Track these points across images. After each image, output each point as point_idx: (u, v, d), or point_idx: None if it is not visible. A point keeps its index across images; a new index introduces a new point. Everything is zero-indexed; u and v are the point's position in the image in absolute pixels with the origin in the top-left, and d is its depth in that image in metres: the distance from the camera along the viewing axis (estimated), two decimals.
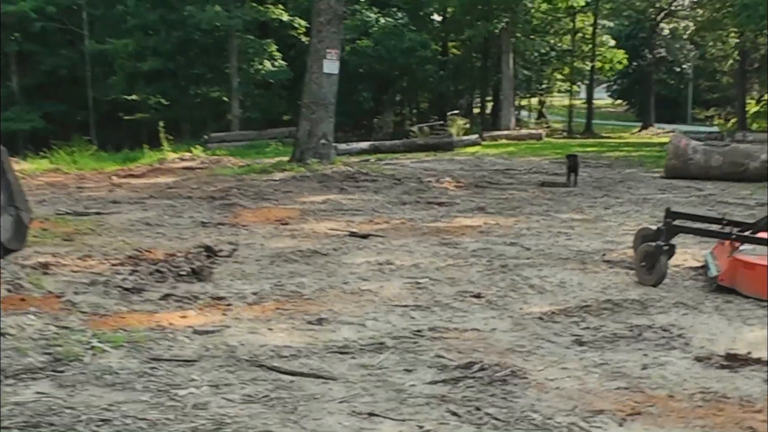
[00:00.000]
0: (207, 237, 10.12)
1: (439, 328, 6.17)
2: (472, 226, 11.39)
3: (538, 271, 8.30)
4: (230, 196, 13.97)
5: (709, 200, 14.61)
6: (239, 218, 11.68)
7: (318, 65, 17.82)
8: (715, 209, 13.47)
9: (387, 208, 13.08)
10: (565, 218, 12.35)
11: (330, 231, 10.72)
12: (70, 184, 16.86)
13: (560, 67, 46.90)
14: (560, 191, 16.09)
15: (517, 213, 12.83)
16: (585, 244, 9.95)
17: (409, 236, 10.52)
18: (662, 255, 7.58)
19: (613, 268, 8.46)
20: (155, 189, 15.40)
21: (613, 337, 5.98)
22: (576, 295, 7.27)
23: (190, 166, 20.12)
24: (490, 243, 10.02)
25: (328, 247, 9.61)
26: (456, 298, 7.17)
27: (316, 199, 13.89)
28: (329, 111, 17.94)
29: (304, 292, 7.31)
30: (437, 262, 8.81)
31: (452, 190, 15.82)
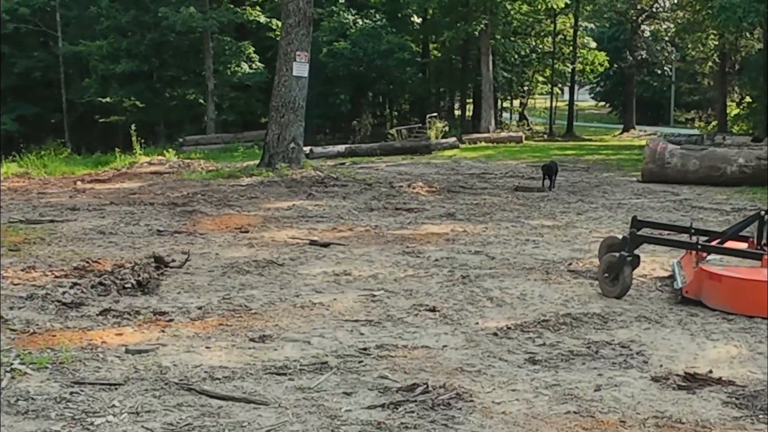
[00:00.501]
0: (161, 246, 9.78)
1: (387, 346, 5.86)
2: (439, 234, 11.10)
3: (499, 283, 8.01)
4: (193, 203, 13.63)
5: (684, 205, 14.38)
6: (198, 226, 11.34)
7: (287, 68, 17.49)
8: (690, 215, 13.21)
9: (353, 214, 12.77)
10: (535, 225, 12.08)
11: (290, 239, 10.40)
12: (33, 190, 16.46)
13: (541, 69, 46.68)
14: (534, 196, 15.83)
15: (487, 219, 12.55)
16: (552, 253, 9.67)
17: (372, 245, 10.22)
18: (626, 266, 7.30)
19: (578, 279, 8.18)
20: (118, 195, 15.04)
21: (568, 355, 5.69)
22: (536, 309, 6.99)
23: (158, 170, 19.72)
24: (455, 252, 9.73)
25: (286, 256, 9.30)
26: (410, 312, 6.87)
27: (281, 206, 13.57)
28: (299, 114, 17.61)
29: (252, 306, 6.98)
30: (397, 273, 8.51)
31: (423, 195, 15.52)
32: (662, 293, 7.59)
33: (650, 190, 16.56)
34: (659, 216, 12.98)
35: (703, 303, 7.00)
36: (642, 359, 5.63)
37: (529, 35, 45.13)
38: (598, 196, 15.77)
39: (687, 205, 14.34)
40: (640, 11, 49.86)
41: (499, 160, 25.04)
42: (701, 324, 6.53)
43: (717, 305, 6.86)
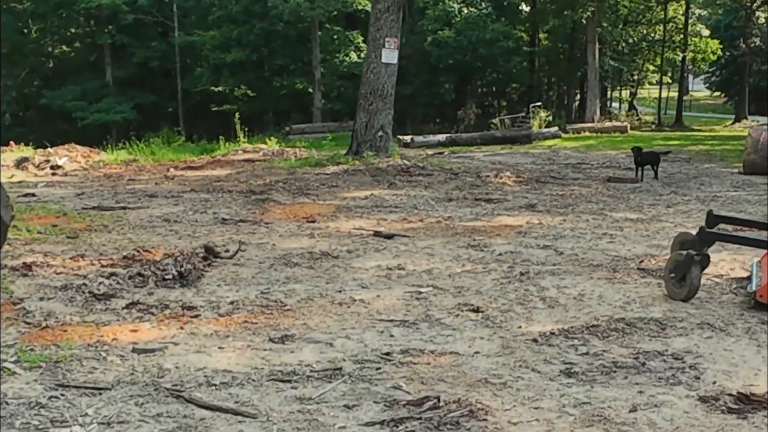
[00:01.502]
0: (221, 236, 9.59)
1: (413, 350, 5.43)
2: (512, 226, 10.57)
3: (559, 281, 7.46)
4: (271, 191, 13.46)
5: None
6: (266, 215, 11.12)
7: (376, 54, 17.13)
8: None
9: (429, 205, 12.34)
10: (617, 218, 11.40)
11: (355, 230, 10.05)
12: (126, 176, 16.64)
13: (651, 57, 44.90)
14: (626, 187, 15.08)
15: (568, 211, 11.93)
16: (626, 249, 9.03)
17: (438, 237, 9.78)
18: (693, 266, 6.65)
19: (646, 278, 7.54)
20: (203, 182, 15.02)
21: (611, 367, 5.14)
22: (590, 311, 6.42)
23: (251, 158, 19.71)
24: (523, 246, 9.20)
25: (344, 248, 8.96)
26: (452, 312, 6.41)
27: (358, 195, 13.25)
28: (387, 102, 17.23)
29: (288, 302, 6.66)
30: (454, 268, 8.06)
31: (509, 186, 14.96)
32: (736, 297, 6.89)
33: (750, 183, 15.55)
34: (754, 210, 12.13)
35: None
36: (694, 374, 5.03)
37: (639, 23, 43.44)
38: (693, 188, 14.89)
39: None
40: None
41: (599, 151, 24.11)
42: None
43: None
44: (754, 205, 12.80)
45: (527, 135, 29.02)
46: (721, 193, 14.32)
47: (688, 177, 16.95)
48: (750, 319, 6.20)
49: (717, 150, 23.98)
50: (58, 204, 11.88)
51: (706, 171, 18.18)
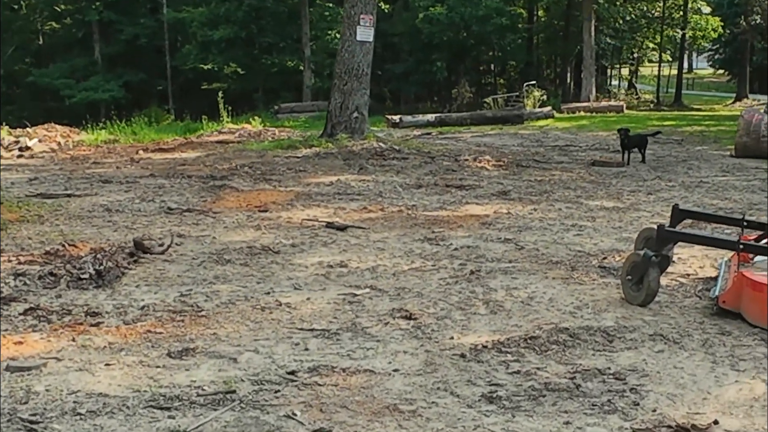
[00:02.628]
0: (161, 227, 9.01)
1: (323, 368, 4.84)
2: (478, 216, 9.97)
3: (510, 281, 6.86)
4: (233, 176, 12.87)
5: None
6: (217, 203, 10.52)
7: (351, 32, 16.44)
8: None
9: (396, 192, 11.74)
10: (593, 206, 10.80)
11: (306, 221, 9.44)
12: (92, 159, 16.02)
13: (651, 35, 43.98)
14: (610, 172, 14.48)
15: (542, 199, 11.33)
16: (593, 243, 8.43)
17: (395, 229, 9.18)
18: (651, 268, 6.03)
19: (605, 278, 6.94)
20: (166, 166, 14.42)
21: (541, 390, 4.54)
22: (535, 318, 5.82)
23: (225, 139, 19.08)
24: (483, 239, 8.60)
25: (289, 242, 8.36)
26: (383, 319, 5.81)
27: (324, 180, 12.64)
28: (363, 82, 16.55)
29: (206, 307, 6.06)
30: (402, 265, 7.46)
31: (487, 170, 14.34)
32: (700, 301, 6.28)
33: (741, 167, 14.92)
34: (740, 197, 11.52)
35: (742, 317, 5.69)
36: (634, 399, 4.44)
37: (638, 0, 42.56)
38: (680, 173, 14.27)
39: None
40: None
41: (590, 132, 23.45)
42: (731, 347, 5.25)
43: (758, 322, 5.56)
44: (740, 191, 12.20)
45: (519, 115, 28.37)
46: (708, 178, 13.70)
47: (677, 160, 16.35)
48: (709, 328, 5.60)
49: (712, 131, 23.30)
50: (3, 191, 11.28)
51: (696, 154, 17.55)
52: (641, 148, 15.96)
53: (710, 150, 18.13)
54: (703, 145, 19.28)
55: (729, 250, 6.38)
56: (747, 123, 15.98)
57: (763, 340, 5.33)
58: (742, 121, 16.19)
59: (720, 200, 11.44)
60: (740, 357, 5.07)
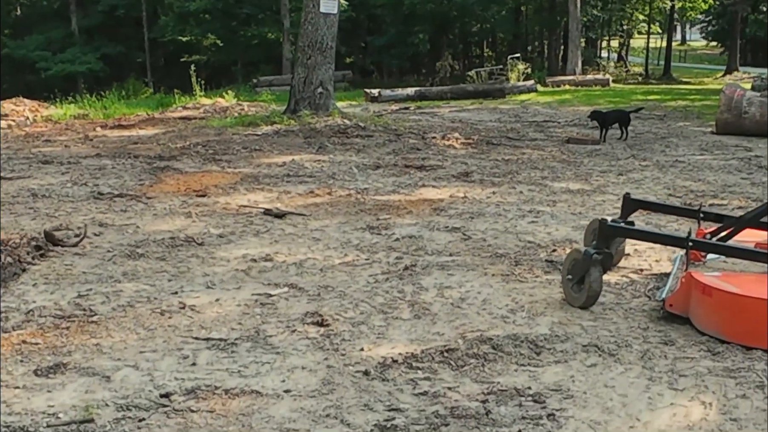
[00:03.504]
0: (87, 215, 8.39)
1: (204, 389, 4.25)
2: (432, 200, 9.37)
3: (446, 278, 6.26)
4: (182, 156, 12.25)
5: (751, 165, 12.19)
6: (154, 187, 9.90)
7: (314, 3, 15.73)
8: (752, 177, 11.10)
9: (351, 173, 11.11)
10: (557, 189, 10.21)
11: (245, 207, 8.83)
12: (45, 136, 15.37)
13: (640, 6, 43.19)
14: (584, 150, 13.90)
15: (504, 181, 10.74)
16: (546, 232, 7.84)
17: (338, 215, 8.58)
18: (593, 267, 5.44)
19: (550, 275, 6.35)
20: (118, 145, 13.79)
21: (445, 416, 3.96)
22: (461, 324, 5.24)
23: (188, 115, 18.43)
24: (429, 227, 8.00)
25: (219, 231, 7.76)
26: (292, 325, 5.22)
27: (278, 161, 12.02)
28: (327, 56, 15.86)
29: (100, 311, 5.47)
30: (333, 258, 6.86)
31: (455, 149, 13.73)
32: (648, 302, 5.69)
33: (720, 144, 14.33)
34: (714, 178, 10.95)
35: (691, 323, 5.12)
36: (550, 428, 3.86)
37: None
38: (656, 152, 13.67)
39: (754, 164, 12.16)
40: None
41: (572, 106, 22.80)
42: (672, 359, 4.67)
43: (706, 328, 4.98)
44: (716, 172, 11.62)
45: (500, 89, 27.70)
46: (684, 157, 13.11)
47: (655, 137, 15.74)
48: (652, 336, 5.01)
49: (696, 106, 22.64)
50: None
51: (677, 130, 16.93)
52: (622, 125, 15.34)
53: (692, 126, 17.52)
54: (685, 121, 18.67)
55: (677, 247, 5.78)
56: (728, 99, 15.36)
57: (708, 352, 4.75)
58: (723, 97, 15.57)
59: (693, 181, 10.87)
60: (681, 372, 4.49)
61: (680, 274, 5.59)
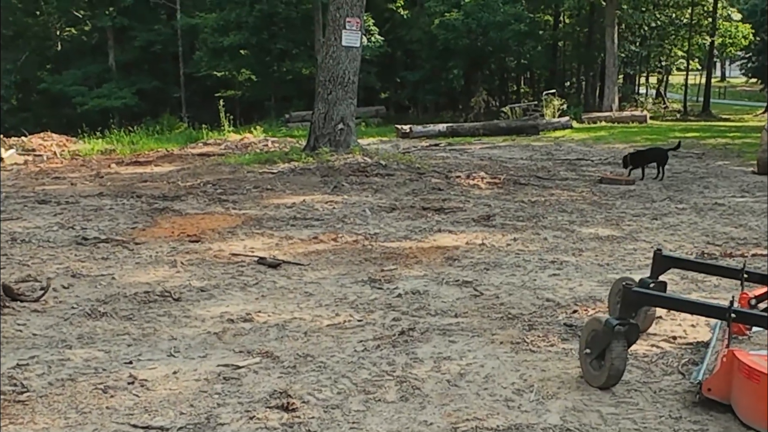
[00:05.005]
0: (63, 263, 7.65)
1: None
2: (446, 248, 8.53)
3: (446, 346, 5.41)
4: (187, 196, 11.56)
5: None
6: (147, 231, 9.16)
7: (336, 36, 15.04)
8: None
9: (363, 216, 10.31)
10: (585, 235, 9.32)
11: (238, 255, 8.05)
12: (56, 172, 14.83)
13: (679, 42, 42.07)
14: (617, 191, 13.03)
15: (528, 225, 9.88)
16: (568, 287, 6.95)
17: (340, 265, 7.76)
18: (615, 340, 4.55)
19: (568, 342, 5.46)
20: (127, 183, 13.17)
21: None
22: (454, 410, 4.38)
23: (209, 151, 17.82)
24: (437, 281, 7.16)
25: (203, 284, 6.98)
26: (252, 409, 4.40)
27: (288, 201, 11.26)
28: (348, 91, 15.13)
29: (34, 386, 4.70)
30: (322, 319, 6.04)
31: (480, 189, 12.90)
32: (683, 381, 4.78)
33: (763, 186, 13.40)
34: (757, 224, 10.01)
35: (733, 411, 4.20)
36: None
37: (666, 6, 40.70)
38: (694, 192, 12.74)
39: None
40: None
41: (607, 144, 21.88)
42: None
43: (752, 420, 4.06)
44: (758, 216, 10.66)
45: (534, 125, 26.84)
46: (724, 199, 12.16)
47: (694, 177, 14.80)
48: (685, 429, 4.10)
49: (736, 144, 21.59)
50: None
51: (716, 170, 15.96)
52: (660, 164, 14.46)
53: (731, 165, 16.53)
54: (724, 160, 17.67)
55: (717, 318, 4.87)
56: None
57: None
58: (765, 135, 14.58)
59: (734, 227, 9.92)
60: None
61: (720, 348, 4.69)
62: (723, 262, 7.74)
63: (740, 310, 4.54)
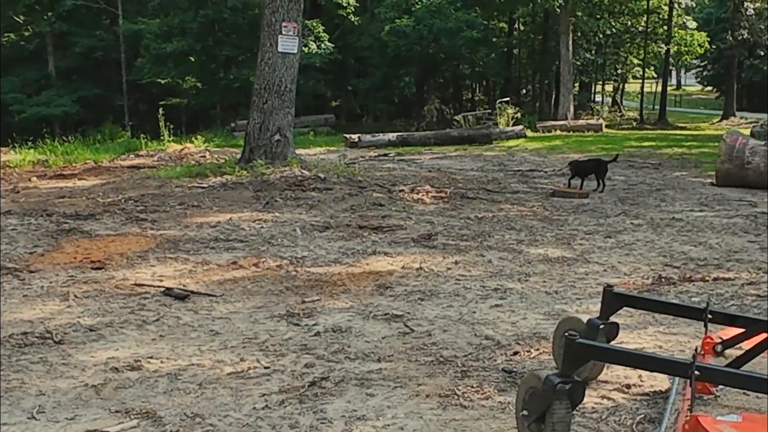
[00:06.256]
0: None
1: None
2: (380, 273, 7.72)
3: (361, 402, 4.58)
4: (104, 214, 10.60)
5: (758, 224, 10.61)
6: (46, 256, 8.23)
7: (271, 42, 14.18)
8: (761, 239, 9.49)
9: (293, 236, 9.46)
10: (533, 256, 8.58)
11: (142, 285, 7.15)
12: None
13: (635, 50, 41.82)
14: (570, 205, 12.38)
15: (472, 246, 9.11)
16: (511, 321, 6.17)
17: (257, 295, 6.91)
18: (558, 401, 3.75)
19: (505, 393, 4.66)
20: (42, 199, 12.20)
21: None
22: None
23: (140, 163, 16.86)
24: (364, 315, 6.34)
25: (93, 321, 6.09)
26: None
27: (212, 220, 10.36)
28: (286, 100, 14.25)
29: None
30: (224, 365, 5.20)
31: (424, 204, 12.12)
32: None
33: (722, 198, 12.78)
34: (718, 242, 9.37)
35: None
36: None
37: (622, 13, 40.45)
38: (651, 206, 12.11)
39: (761, 224, 10.61)
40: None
41: (561, 153, 21.25)
42: None
43: None
44: (719, 233, 10.01)
45: (487, 135, 26.19)
46: (682, 213, 11.53)
47: (650, 189, 14.18)
48: None
49: (693, 154, 21.09)
50: None
51: (674, 181, 15.37)
52: (599, 176, 13.86)
53: (689, 177, 15.96)
54: (682, 171, 17.11)
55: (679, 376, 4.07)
56: (729, 148, 13.78)
57: None
58: (723, 146, 13.99)
59: (693, 245, 9.25)
60: None
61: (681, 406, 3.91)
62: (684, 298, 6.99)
63: (705, 366, 3.74)
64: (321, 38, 36.50)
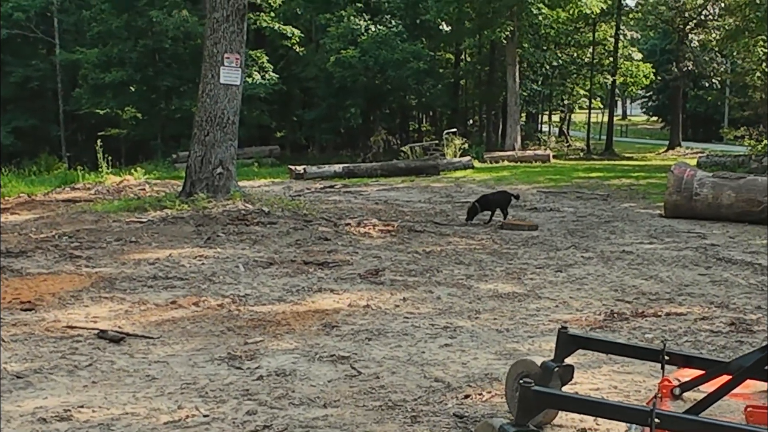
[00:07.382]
0: None
1: None
2: (326, 311, 7.45)
3: None
4: (35, 251, 10.16)
5: (708, 256, 10.57)
6: None
7: (213, 73, 13.88)
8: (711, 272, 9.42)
9: (233, 274, 9.14)
10: (483, 292, 8.38)
11: (73, 328, 6.78)
12: None
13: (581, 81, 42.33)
14: (520, 237, 12.31)
15: (420, 281, 8.89)
16: (462, 361, 5.95)
17: (196, 337, 6.59)
18: None
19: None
20: None
21: None
22: None
23: (76, 197, 16.36)
24: (310, 356, 6.06)
25: (21, 367, 5.72)
26: None
27: (151, 256, 10.00)
28: (228, 132, 13.93)
29: None
30: (159, 414, 4.88)
31: (371, 238, 11.90)
32: None
33: (671, 230, 12.77)
34: (669, 275, 9.30)
35: None
36: None
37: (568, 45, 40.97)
38: (600, 239, 12.02)
39: (711, 256, 10.54)
40: (687, 19, 45.09)
41: (509, 184, 21.21)
42: None
43: None
44: (669, 266, 9.92)
45: (434, 166, 26.16)
46: (632, 246, 11.46)
47: (599, 221, 14.13)
48: None
49: (641, 184, 21.23)
50: None
51: (623, 213, 15.36)
52: (502, 208, 13.83)
53: (638, 208, 15.98)
54: (630, 202, 17.16)
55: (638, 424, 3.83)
56: (678, 179, 13.81)
57: None
58: (671, 177, 14.01)
59: (644, 279, 9.14)
60: None
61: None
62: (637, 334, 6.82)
63: (666, 414, 3.52)
64: (265, 68, 36.33)
